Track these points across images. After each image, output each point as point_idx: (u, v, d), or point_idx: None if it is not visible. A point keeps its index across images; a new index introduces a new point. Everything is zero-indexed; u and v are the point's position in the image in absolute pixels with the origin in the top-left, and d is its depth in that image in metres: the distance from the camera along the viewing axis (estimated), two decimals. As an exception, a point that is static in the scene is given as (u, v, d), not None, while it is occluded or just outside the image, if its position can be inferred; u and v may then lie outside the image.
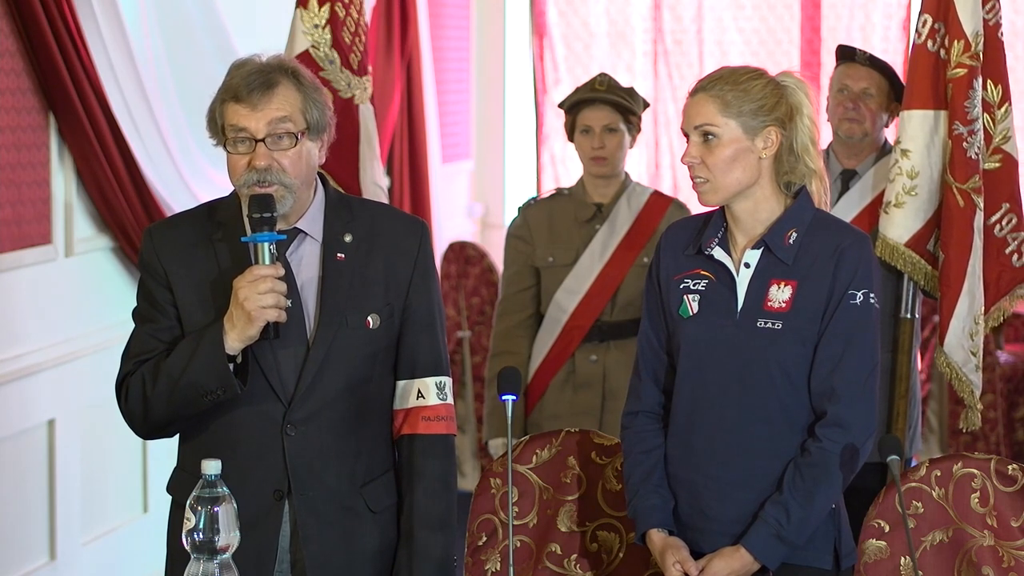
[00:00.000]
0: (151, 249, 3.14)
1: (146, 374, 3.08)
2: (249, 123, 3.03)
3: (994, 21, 4.35)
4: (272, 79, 3.05)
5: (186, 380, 3.04)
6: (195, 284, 3.11)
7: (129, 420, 3.15)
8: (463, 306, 6.88)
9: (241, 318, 3.00)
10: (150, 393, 3.07)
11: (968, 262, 4.28)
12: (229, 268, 3.09)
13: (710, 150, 3.20)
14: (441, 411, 3.23)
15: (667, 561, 3.23)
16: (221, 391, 3.04)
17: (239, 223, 3.13)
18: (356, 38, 4.86)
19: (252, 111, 3.03)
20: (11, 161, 4.75)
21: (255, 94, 3.03)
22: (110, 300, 5.29)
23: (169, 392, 3.06)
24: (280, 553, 3.12)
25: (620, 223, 4.88)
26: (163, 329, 3.12)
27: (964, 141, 4.29)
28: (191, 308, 3.11)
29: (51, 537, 4.98)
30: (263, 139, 3.03)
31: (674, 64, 8.16)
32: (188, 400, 3.06)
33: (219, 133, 3.08)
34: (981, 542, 3.35)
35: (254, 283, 3.00)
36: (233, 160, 3.06)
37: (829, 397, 3.18)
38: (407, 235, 3.21)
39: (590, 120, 4.85)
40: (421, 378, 3.22)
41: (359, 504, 3.17)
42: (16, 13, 4.69)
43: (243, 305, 2.99)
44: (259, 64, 3.08)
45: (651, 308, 3.36)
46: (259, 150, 3.03)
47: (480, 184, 8.66)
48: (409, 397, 3.22)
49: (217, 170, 5.57)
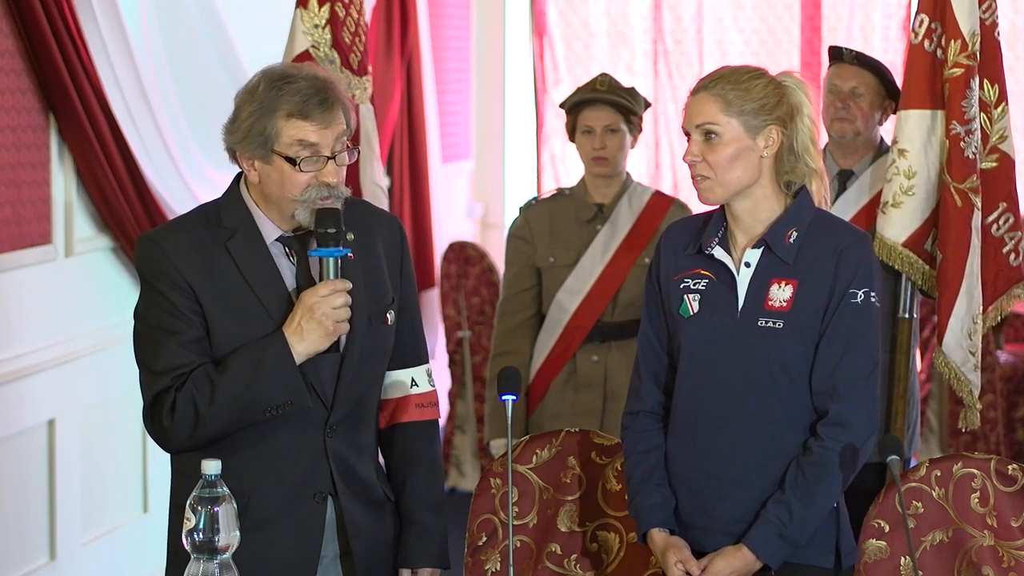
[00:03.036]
0: (163, 257, 3.08)
1: (197, 390, 3.03)
2: (320, 140, 3.04)
3: (991, 21, 4.35)
4: (331, 96, 3.06)
5: (251, 395, 3.03)
6: (219, 293, 3.08)
7: (166, 436, 3.07)
8: (463, 306, 6.88)
9: (314, 331, 3.02)
10: (204, 410, 3.02)
11: (966, 262, 4.28)
12: (252, 275, 3.09)
13: (712, 148, 3.20)
14: (432, 397, 3.33)
15: (669, 561, 3.24)
16: (289, 404, 3.05)
17: (252, 228, 3.12)
18: (356, 38, 4.86)
19: (322, 128, 3.04)
20: (11, 161, 4.75)
21: (325, 113, 3.04)
22: (110, 300, 5.29)
23: (230, 408, 3.03)
24: (323, 550, 3.16)
25: (621, 223, 4.88)
26: (192, 341, 3.07)
27: (961, 141, 4.29)
28: (221, 318, 3.08)
29: (51, 537, 4.98)
30: (332, 156, 3.06)
31: (674, 64, 8.16)
32: (249, 415, 3.05)
33: (264, 147, 3.05)
34: (981, 542, 3.35)
35: (329, 298, 3.03)
36: (299, 176, 3.05)
37: (830, 396, 3.19)
38: (391, 228, 3.26)
39: (591, 120, 4.85)
40: (415, 367, 3.30)
41: (381, 494, 3.25)
42: (16, 13, 4.69)
43: (321, 320, 3.02)
44: (311, 79, 3.06)
45: (651, 308, 3.37)
46: (329, 167, 3.06)
47: (480, 184, 8.66)
48: (403, 386, 3.28)
49: (217, 170, 5.57)
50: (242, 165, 3.11)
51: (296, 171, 3.04)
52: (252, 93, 3.07)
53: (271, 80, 3.06)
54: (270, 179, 3.08)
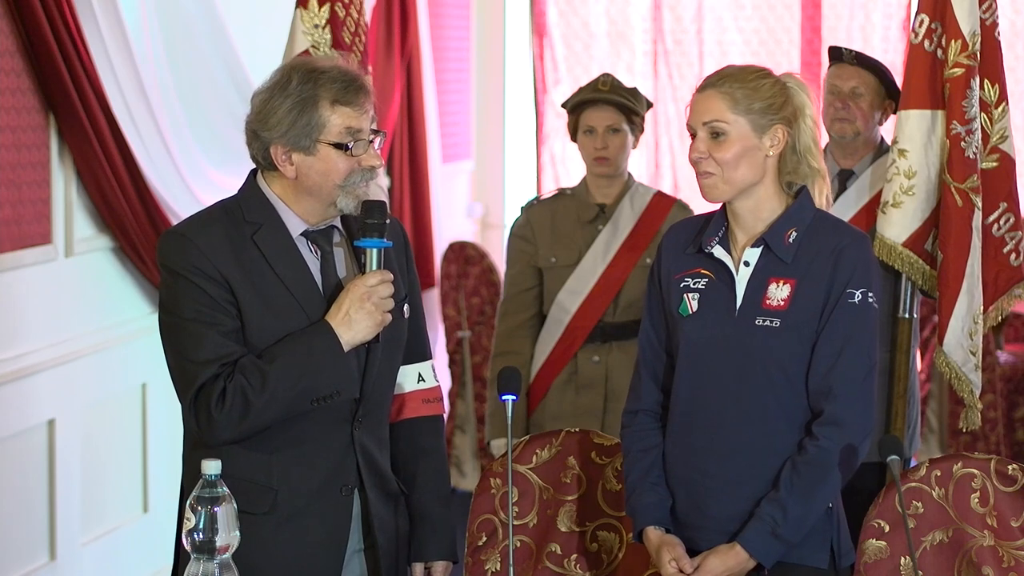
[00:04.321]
0: (196, 251, 3.07)
1: (248, 381, 3.03)
2: (363, 125, 3.10)
3: (991, 20, 4.35)
4: (362, 82, 3.12)
5: (303, 385, 3.04)
6: (253, 285, 3.09)
7: (214, 426, 3.05)
8: (463, 306, 6.88)
9: (364, 320, 3.05)
10: (255, 398, 3.02)
11: (967, 262, 4.28)
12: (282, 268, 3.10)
13: (718, 146, 3.21)
14: (437, 392, 3.37)
15: (663, 558, 3.24)
16: (338, 393, 3.07)
17: (278, 222, 3.13)
18: (356, 38, 4.86)
19: (362, 113, 3.10)
20: (11, 161, 4.75)
21: (361, 97, 3.10)
22: (110, 300, 5.29)
23: (282, 397, 3.04)
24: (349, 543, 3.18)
25: (623, 224, 4.88)
26: (232, 332, 3.07)
27: (962, 140, 4.29)
28: (256, 309, 3.08)
29: (51, 537, 4.98)
30: (371, 140, 3.11)
31: (674, 64, 8.16)
32: (297, 405, 3.06)
33: (308, 137, 3.07)
34: (981, 542, 3.35)
35: (378, 287, 3.06)
36: (346, 162, 3.08)
37: (826, 396, 3.19)
38: (394, 229, 3.27)
39: (593, 120, 4.85)
40: (421, 362, 3.33)
41: (397, 488, 3.27)
42: (16, 13, 4.69)
43: (371, 310, 3.05)
44: (340, 68, 3.11)
45: (652, 307, 3.38)
46: (371, 150, 3.11)
47: (480, 184, 8.66)
48: (410, 381, 3.32)
49: (217, 170, 5.57)
50: (277, 161, 3.10)
51: (346, 157, 3.07)
52: (284, 88, 3.08)
53: (304, 73, 3.09)
54: (312, 170, 3.09)
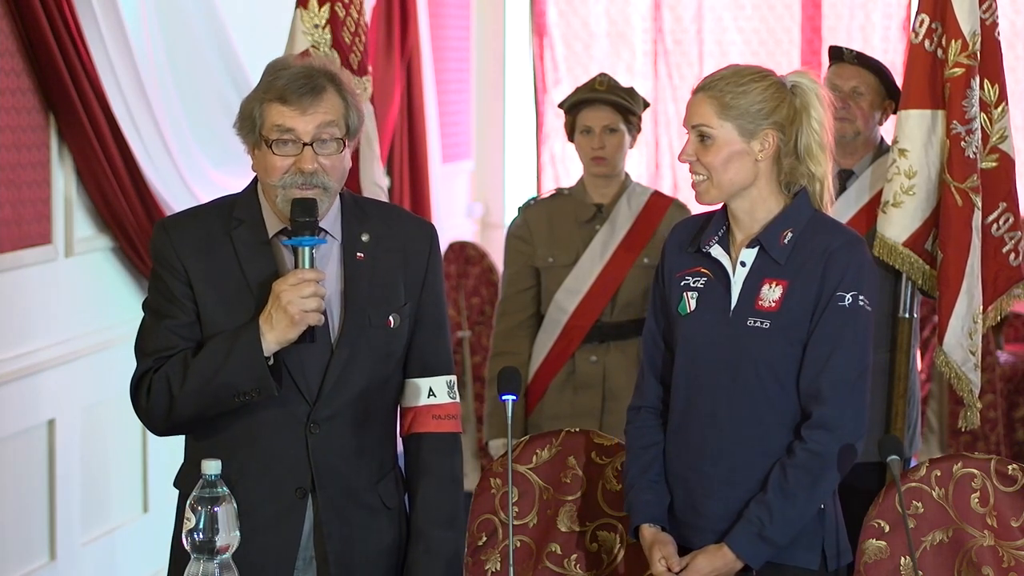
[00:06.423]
0: (167, 243, 3.12)
1: (172, 372, 3.06)
2: (297, 125, 3.05)
3: (991, 20, 4.35)
4: (320, 84, 3.07)
5: (220, 380, 3.04)
6: (214, 280, 3.10)
7: (146, 417, 3.13)
8: (463, 306, 6.88)
9: (282, 321, 3.02)
10: (177, 392, 3.06)
11: (967, 261, 4.28)
12: (250, 266, 3.10)
13: (705, 150, 3.22)
14: (451, 409, 3.28)
15: (653, 556, 3.25)
16: (256, 392, 3.05)
17: (259, 221, 3.14)
18: (356, 38, 4.86)
19: (301, 114, 3.05)
20: (11, 161, 4.75)
21: (305, 98, 3.05)
22: (110, 300, 5.29)
23: (199, 391, 3.05)
24: (300, 551, 3.14)
25: (620, 223, 4.88)
26: (182, 325, 3.10)
27: (962, 140, 4.29)
28: (211, 304, 3.10)
29: (51, 537, 4.98)
30: (310, 143, 3.05)
31: (674, 64, 8.17)
32: (219, 400, 3.06)
33: (254, 132, 3.09)
34: (981, 542, 3.35)
35: (297, 287, 3.02)
36: (274, 160, 3.06)
37: (816, 398, 3.19)
38: (419, 236, 3.24)
39: (590, 120, 4.85)
40: (433, 377, 3.26)
41: (376, 501, 3.20)
42: (16, 13, 4.69)
43: (286, 308, 3.01)
44: (304, 67, 3.09)
45: (655, 306, 3.38)
46: (306, 153, 3.05)
47: (480, 184, 8.66)
48: (420, 395, 3.25)
49: (217, 170, 5.57)
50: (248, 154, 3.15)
51: (271, 154, 3.06)
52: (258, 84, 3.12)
53: (269, 68, 3.11)
54: (259, 165, 3.11)
